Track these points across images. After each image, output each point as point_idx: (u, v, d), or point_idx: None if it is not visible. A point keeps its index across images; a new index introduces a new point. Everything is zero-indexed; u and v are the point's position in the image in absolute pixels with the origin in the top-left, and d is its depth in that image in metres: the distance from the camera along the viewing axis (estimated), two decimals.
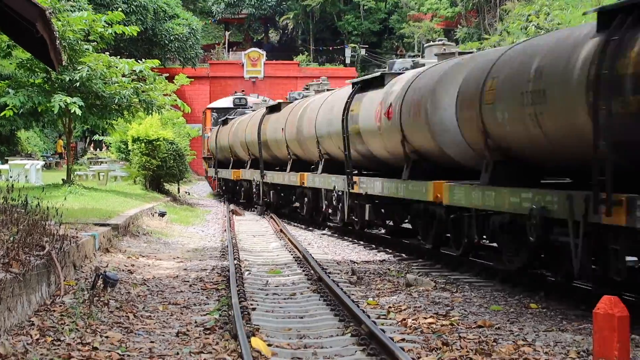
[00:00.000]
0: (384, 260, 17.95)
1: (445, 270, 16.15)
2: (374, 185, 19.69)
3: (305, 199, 27.24)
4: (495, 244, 15.05)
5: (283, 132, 29.09)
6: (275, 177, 30.61)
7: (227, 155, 41.38)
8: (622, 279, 10.74)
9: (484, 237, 14.75)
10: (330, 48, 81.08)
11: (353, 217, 21.84)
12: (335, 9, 79.52)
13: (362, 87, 21.46)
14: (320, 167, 25.09)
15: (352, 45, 78.40)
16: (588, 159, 10.55)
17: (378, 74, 20.98)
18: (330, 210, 24.17)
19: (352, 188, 21.04)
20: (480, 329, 10.40)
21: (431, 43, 21.46)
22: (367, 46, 79.63)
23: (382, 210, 20.69)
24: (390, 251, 19.29)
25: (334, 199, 23.21)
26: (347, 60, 77.81)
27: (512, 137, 13.00)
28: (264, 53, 73.68)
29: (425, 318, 10.96)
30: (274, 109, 32.32)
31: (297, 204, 29.16)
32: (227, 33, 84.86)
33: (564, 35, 12.22)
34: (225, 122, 42.46)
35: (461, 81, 15.27)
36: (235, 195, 40.20)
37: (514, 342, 9.58)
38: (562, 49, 11.57)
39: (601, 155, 10.15)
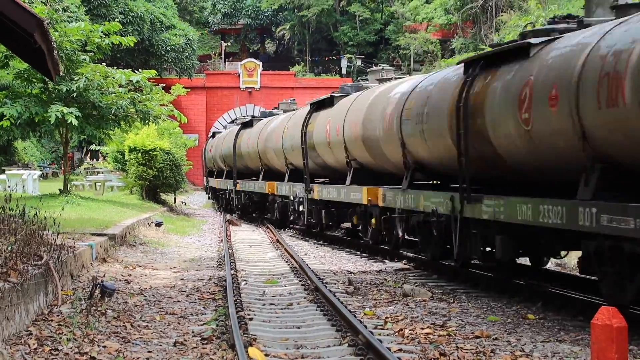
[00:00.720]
0: (381, 270, 17.95)
1: (442, 280, 16.16)
2: (327, 191, 22.84)
3: (275, 205, 29.88)
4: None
5: (255, 146, 32.49)
6: (247, 185, 34.09)
7: (211, 166, 46.72)
8: (480, 261, 14.71)
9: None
10: (326, 58, 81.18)
11: (312, 220, 24.96)
12: (331, 20, 79.62)
13: (317, 107, 25.45)
14: (287, 176, 28.17)
15: (348, 55, 78.49)
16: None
17: (328, 96, 24.95)
18: (295, 215, 26.72)
19: (310, 194, 24.25)
20: (477, 339, 10.41)
21: (374, 68, 26.17)
22: (363, 57, 79.73)
23: (335, 212, 23.46)
24: (387, 261, 19.29)
25: (296, 204, 26.12)
26: (344, 71, 77.89)
27: (414, 149, 16.81)
28: (260, 63, 73.72)
29: (423, 328, 10.98)
30: (246, 125, 37.00)
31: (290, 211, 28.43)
32: (223, 43, 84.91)
33: (449, 73, 15.80)
34: (213, 136, 46.37)
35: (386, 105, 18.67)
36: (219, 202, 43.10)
37: (511, 352, 9.60)
38: (445, 84, 15.44)
39: (462, 167, 14.04)
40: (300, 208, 25.60)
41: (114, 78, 29.47)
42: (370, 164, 20.89)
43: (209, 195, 48.54)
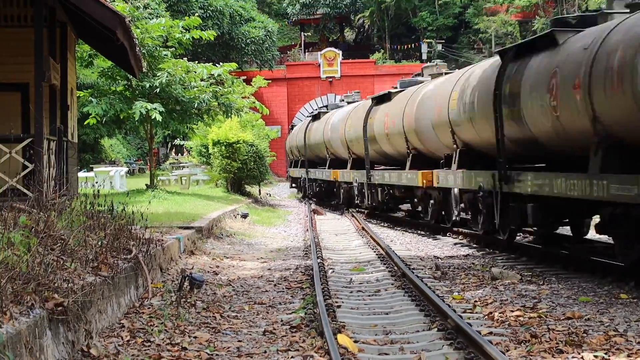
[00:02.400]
0: (468, 254, 17.84)
1: (530, 262, 15.99)
2: (389, 176, 25.58)
3: (342, 190, 33.61)
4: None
5: (322, 136, 36.46)
6: (316, 173, 38.36)
7: (291, 157, 49.49)
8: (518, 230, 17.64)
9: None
10: (406, 46, 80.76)
11: (373, 203, 28.02)
12: (410, 5, 79.14)
13: (377, 101, 28.08)
14: (349, 164, 31.29)
15: (428, 40, 77.98)
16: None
17: (386, 92, 27.74)
18: (359, 198, 29.68)
19: (370, 180, 27.35)
20: (569, 320, 10.27)
21: (427, 64, 28.70)
22: (443, 41, 79.15)
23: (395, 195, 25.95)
24: (475, 246, 19.16)
25: (356, 189, 29.52)
26: (424, 57, 77.43)
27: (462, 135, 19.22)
28: (340, 52, 73.67)
29: (512, 311, 10.87)
30: (315, 117, 41.15)
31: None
32: (302, 34, 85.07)
33: (489, 65, 17.99)
34: (292, 128, 49.44)
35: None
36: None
37: (604, 332, 9.45)
38: (487, 73, 17.50)
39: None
40: (363, 191, 28.74)
41: (195, 72, 29.78)
42: (424, 150, 23.24)
43: (291, 185, 49.30)
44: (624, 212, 12.36)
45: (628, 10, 13.31)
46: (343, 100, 41.06)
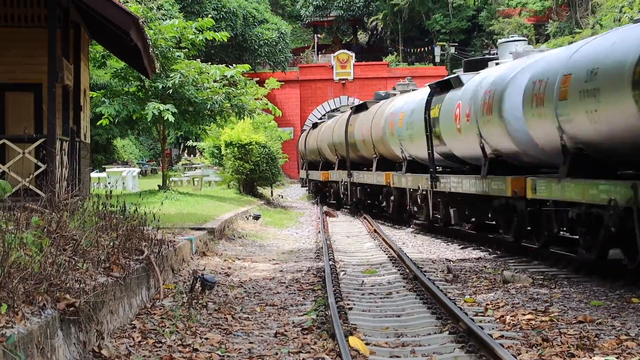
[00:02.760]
0: (480, 257, 17.82)
1: (542, 266, 15.96)
2: (363, 176, 30.70)
3: (332, 189, 37.78)
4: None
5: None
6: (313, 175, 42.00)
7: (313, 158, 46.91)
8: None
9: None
10: (419, 49, 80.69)
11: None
12: (424, 8, 79.10)
13: (356, 110, 33.13)
14: (375, 164, 31.15)
15: (441, 43, 77.92)
16: None
17: (363, 102, 32.02)
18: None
19: (351, 179, 31.65)
20: (581, 324, 10.24)
21: (401, 82, 32.53)
22: (456, 44, 79.06)
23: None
24: (485, 248, 19.13)
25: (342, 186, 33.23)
26: (437, 59, 77.37)
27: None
28: (353, 55, 73.66)
29: (524, 314, 10.84)
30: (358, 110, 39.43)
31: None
32: (316, 36, 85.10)
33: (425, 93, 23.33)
34: (314, 127, 47.66)
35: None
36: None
37: (616, 336, 9.42)
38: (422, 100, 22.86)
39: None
40: (346, 189, 33.49)
41: (208, 74, 29.81)
42: (387, 155, 27.87)
43: (307, 187, 49.14)
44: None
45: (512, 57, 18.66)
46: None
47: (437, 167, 22.58)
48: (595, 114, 12.73)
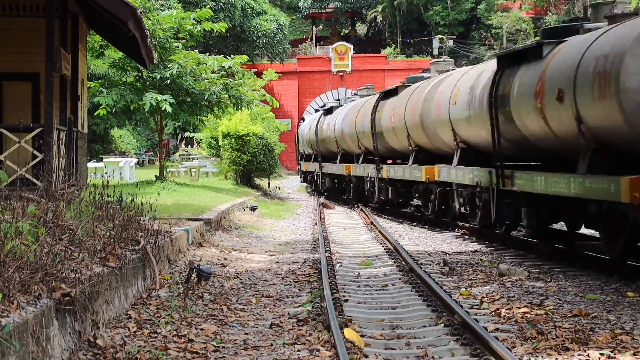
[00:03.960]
0: (476, 250, 17.83)
1: (538, 260, 15.97)
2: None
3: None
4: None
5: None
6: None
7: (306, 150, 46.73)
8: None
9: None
10: (418, 40, 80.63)
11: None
12: (422, 1, 79.00)
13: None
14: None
15: (440, 36, 77.84)
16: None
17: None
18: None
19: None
20: (575, 318, 10.27)
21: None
22: (454, 37, 78.98)
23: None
24: (482, 242, 19.15)
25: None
26: (435, 52, 77.28)
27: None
28: (352, 46, 73.64)
29: (519, 308, 10.86)
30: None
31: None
32: (314, 28, 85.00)
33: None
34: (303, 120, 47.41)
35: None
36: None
37: (611, 330, 9.44)
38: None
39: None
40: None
41: (206, 64, 29.79)
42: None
43: (301, 179, 49.05)
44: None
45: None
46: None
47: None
48: None
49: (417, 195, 24.99)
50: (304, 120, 49.41)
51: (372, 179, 28.99)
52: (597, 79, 12.60)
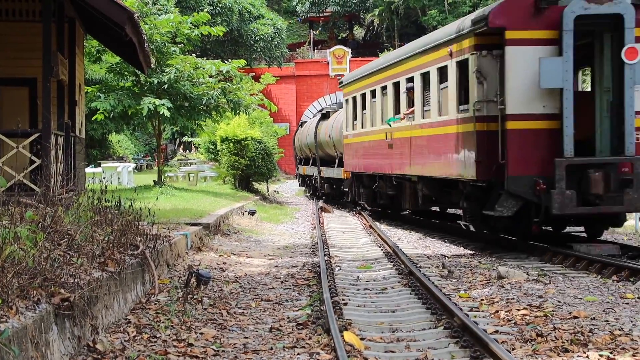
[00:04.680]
0: (475, 253, 17.83)
1: (537, 262, 15.98)
2: (328, 172, 37.29)
3: (307, 181, 45.29)
4: None
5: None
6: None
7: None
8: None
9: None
10: None
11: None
12: (419, 4, 78.97)
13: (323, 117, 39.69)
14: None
15: None
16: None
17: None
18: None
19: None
20: (575, 319, 10.26)
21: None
22: None
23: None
24: (483, 244, 19.14)
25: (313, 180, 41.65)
26: None
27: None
28: (349, 50, 73.61)
29: (519, 310, 10.86)
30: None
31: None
32: (312, 32, 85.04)
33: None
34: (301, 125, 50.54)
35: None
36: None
37: (610, 332, 9.44)
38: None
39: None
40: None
41: (204, 69, 29.77)
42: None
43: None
44: None
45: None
46: None
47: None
48: None
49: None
50: (302, 125, 49.45)
51: (316, 177, 40.55)
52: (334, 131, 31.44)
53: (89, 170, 36.81)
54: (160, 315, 10.44)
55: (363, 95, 27.19)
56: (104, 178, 20.29)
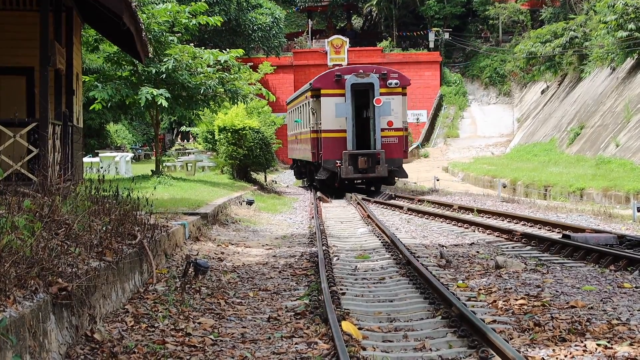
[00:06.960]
0: (473, 243, 17.83)
1: (535, 251, 15.99)
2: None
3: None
4: None
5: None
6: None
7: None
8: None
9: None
10: (414, 33, 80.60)
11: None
12: None
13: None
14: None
15: (436, 29, 77.83)
16: None
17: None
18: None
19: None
20: (572, 309, 10.27)
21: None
22: (450, 30, 79.00)
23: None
24: (480, 234, 19.15)
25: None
26: (431, 45, 77.30)
27: None
28: (347, 40, 73.59)
29: (516, 299, 10.86)
30: None
31: None
32: (310, 21, 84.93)
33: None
34: None
35: None
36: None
37: (607, 321, 9.45)
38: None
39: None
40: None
41: (202, 58, 29.72)
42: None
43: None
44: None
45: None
46: None
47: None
48: None
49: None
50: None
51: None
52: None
53: (86, 159, 36.81)
54: (158, 305, 10.44)
55: (292, 111, 44.14)
56: (102, 168, 20.28)
